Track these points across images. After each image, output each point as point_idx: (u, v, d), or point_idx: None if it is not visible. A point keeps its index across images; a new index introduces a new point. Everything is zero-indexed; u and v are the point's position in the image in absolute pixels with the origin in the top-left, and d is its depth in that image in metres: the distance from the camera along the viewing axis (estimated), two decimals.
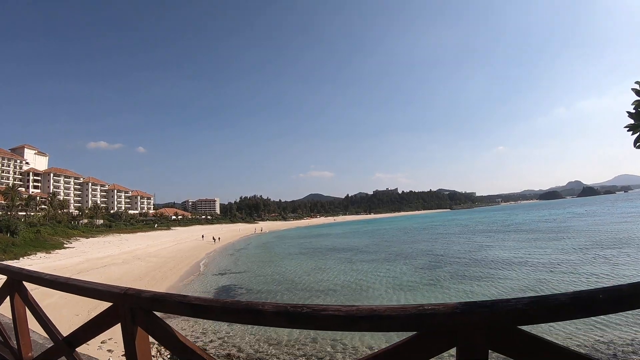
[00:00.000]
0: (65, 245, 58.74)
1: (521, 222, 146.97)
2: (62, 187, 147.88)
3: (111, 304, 4.03)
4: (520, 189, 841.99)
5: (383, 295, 37.54)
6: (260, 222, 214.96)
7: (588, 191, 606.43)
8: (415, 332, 2.53)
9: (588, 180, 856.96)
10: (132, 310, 3.77)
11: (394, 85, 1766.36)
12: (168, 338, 3.51)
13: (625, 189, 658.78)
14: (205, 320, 28.47)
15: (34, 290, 21.06)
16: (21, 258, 42.81)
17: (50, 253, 49.34)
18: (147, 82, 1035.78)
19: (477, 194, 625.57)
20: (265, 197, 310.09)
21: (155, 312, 3.65)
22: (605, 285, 2.72)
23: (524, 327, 2.42)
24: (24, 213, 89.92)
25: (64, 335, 5.35)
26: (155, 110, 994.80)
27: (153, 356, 20.75)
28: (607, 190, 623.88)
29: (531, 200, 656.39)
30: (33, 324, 6.22)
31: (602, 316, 23.91)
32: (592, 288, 2.39)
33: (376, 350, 2.72)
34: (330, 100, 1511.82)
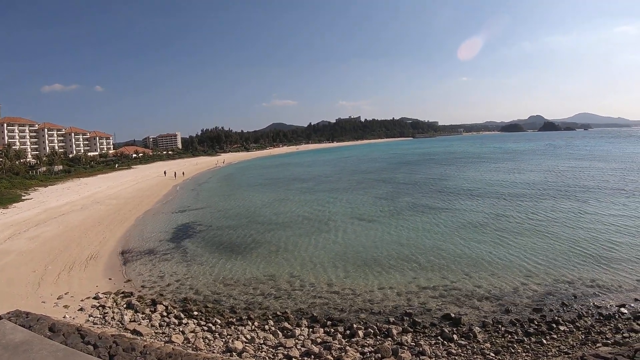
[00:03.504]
0: (23, 198, 56.02)
1: (481, 153, 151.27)
2: (17, 137, 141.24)
3: None
4: (482, 120, 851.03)
5: (345, 226, 38.60)
6: (222, 154, 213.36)
7: (549, 126, 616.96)
8: None
9: (549, 116, 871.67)
10: None
11: (363, 13, 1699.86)
12: None
13: (585, 127, 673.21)
14: (163, 263, 29.06)
15: None
16: None
17: (7, 208, 48.10)
18: (96, 13, 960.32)
19: (440, 124, 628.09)
20: (227, 129, 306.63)
21: None
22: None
23: None
24: None
25: None
26: (109, 45, 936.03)
27: None
28: (567, 126, 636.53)
29: (493, 132, 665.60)
30: None
31: (563, 256, 26.05)
32: None
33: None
34: (293, 27, 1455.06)
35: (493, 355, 15.30)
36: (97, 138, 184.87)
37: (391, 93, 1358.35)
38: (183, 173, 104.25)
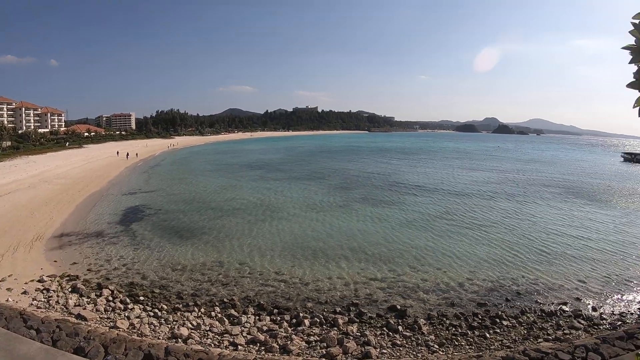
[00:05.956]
0: None
1: (432, 150, 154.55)
2: None
3: None
4: (438, 119, 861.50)
5: (295, 214, 39.10)
6: (176, 137, 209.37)
7: (503, 129, 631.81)
8: None
9: (504, 119, 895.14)
10: None
11: (325, 4, 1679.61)
12: None
13: (538, 132, 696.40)
14: (110, 246, 28.55)
15: None
16: None
17: None
18: None
19: (396, 119, 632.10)
20: (182, 112, 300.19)
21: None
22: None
23: None
24: None
25: None
26: (69, 19, 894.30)
27: None
28: (520, 130, 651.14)
29: (448, 131, 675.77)
30: None
31: (510, 254, 27.40)
32: None
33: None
34: (257, 16, 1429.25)
35: (437, 347, 15.81)
36: (49, 114, 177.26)
37: (349, 86, 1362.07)
38: (137, 155, 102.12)
